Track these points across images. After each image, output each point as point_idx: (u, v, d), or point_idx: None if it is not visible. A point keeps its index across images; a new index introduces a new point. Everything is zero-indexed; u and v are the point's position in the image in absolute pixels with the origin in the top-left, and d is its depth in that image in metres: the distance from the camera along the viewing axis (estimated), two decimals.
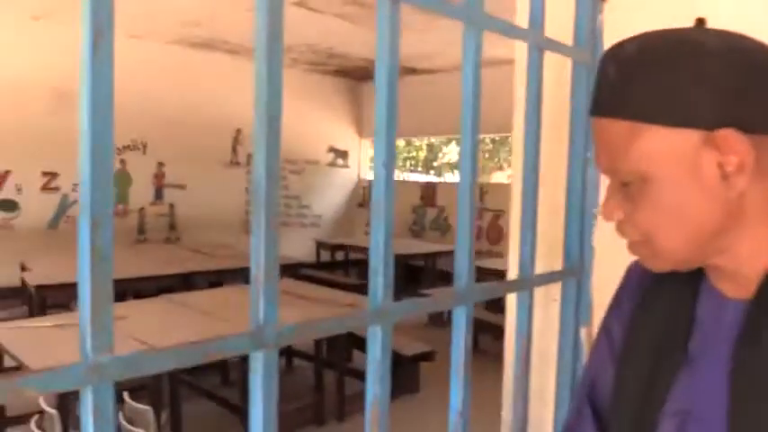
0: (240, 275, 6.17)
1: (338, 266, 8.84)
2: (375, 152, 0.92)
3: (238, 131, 9.16)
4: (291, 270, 6.34)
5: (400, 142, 11.10)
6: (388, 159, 0.90)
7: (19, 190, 7.25)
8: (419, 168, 11.47)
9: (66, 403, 3.11)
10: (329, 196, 10.41)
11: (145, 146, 8.24)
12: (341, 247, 8.61)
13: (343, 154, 10.50)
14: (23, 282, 5.38)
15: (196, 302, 4.35)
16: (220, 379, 5.01)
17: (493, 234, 9.25)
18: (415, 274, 8.66)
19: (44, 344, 3.35)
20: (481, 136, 8.94)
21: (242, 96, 9.08)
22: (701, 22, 0.69)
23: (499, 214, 9.13)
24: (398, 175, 10.77)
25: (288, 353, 5.31)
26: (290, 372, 5.29)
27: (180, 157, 8.51)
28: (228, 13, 6.58)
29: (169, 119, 8.35)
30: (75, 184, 7.33)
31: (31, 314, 5.08)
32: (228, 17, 6.76)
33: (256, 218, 0.73)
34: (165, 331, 3.61)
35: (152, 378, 3.15)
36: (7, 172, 7.16)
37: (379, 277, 0.91)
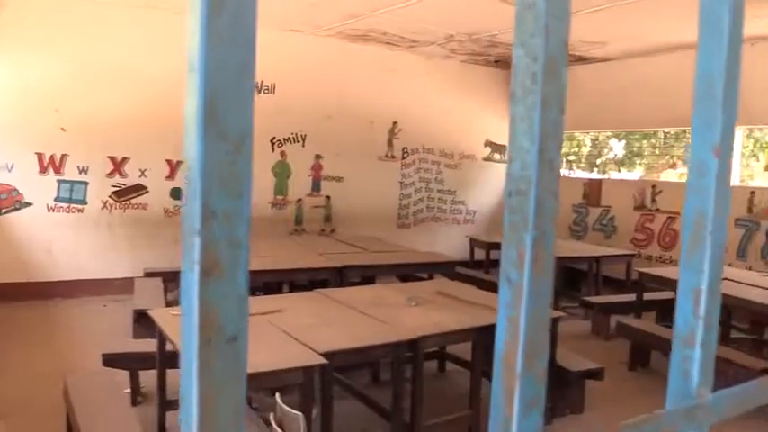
0: (392, 271, 6.18)
1: (494, 266, 8.50)
2: None
3: (395, 124, 9.12)
4: (444, 268, 6.12)
5: None
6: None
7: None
8: (582, 164, 10.76)
9: None
10: (485, 192, 10.08)
11: (304, 138, 8.44)
12: (496, 245, 8.26)
13: (500, 148, 10.10)
14: None
15: (350, 299, 4.28)
16: (371, 378, 4.92)
17: (666, 238, 8.41)
18: (575, 279, 8.10)
19: None
20: (651, 129, 8.10)
21: (399, 88, 9.03)
22: None
23: (674, 217, 8.28)
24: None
25: (441, 356, 5.09)
26: (441, 377, 5.06)
27: (337, 149, 8.63)
28: (389, 3, 6.47)
29: (327, 112, 8.50)
30: None
31: None
32: (388, 7, 6.66)
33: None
34: (319, 329, 3.54)
35: (304, 375, 3.06)
36: (180, 162, 7.65)
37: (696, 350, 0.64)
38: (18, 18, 6.60)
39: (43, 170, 6.94)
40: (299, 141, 8.41)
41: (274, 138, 8.25)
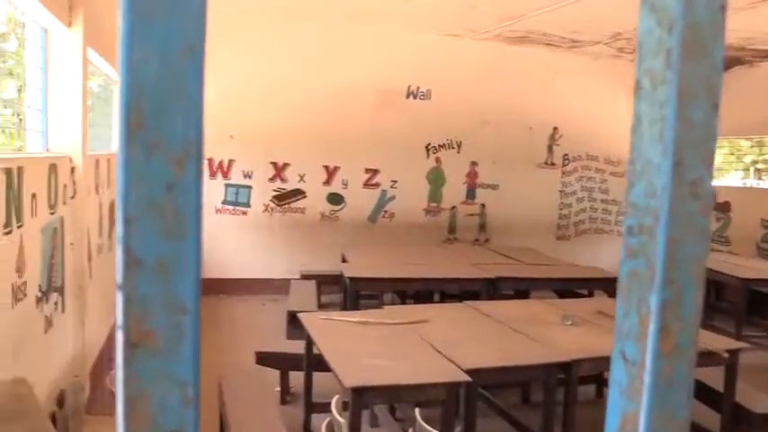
0: (548, 285, 5.92)
1: None
2: None
3: (555, 130, 8.72)
4: (606, 285, 5.68)
5: (744, 142, 9.37)
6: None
7: (345, 185, 7.93)
8: None
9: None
10: None
11: (459, 144, 8.33)
12: None
13: None
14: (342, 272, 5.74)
15: (502, 314, 4.11)
16: (521, 398, 4.67)
17: None
18: (761, 304, 7.16)
19: (345, 340, 3.40)
20: None
21: (560, 91, 8.62)
22: None
23: None
24: (743, 181, 9.09)
25: (599, 381, 4.71)
26: (598, 403, 4.68)
27: (493, 156, 8.42)
28: (550, 1, 6.16)
29: (484, 117, 8.32)
30: (394, 181, 7.97)
31: (345, 303, 5.44)
32: (549, 6, 6.34)
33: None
34: (466, 343, 3.39)
35: (447, 392, 2.93)
36: (336, 168, 7.87)
37: None
38: None
39: (213, 174, 7.47)
40: (454, 147, 8.32)
41: (429, 144, 8.22)
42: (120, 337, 0.37)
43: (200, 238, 0.40)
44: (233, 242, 7.57)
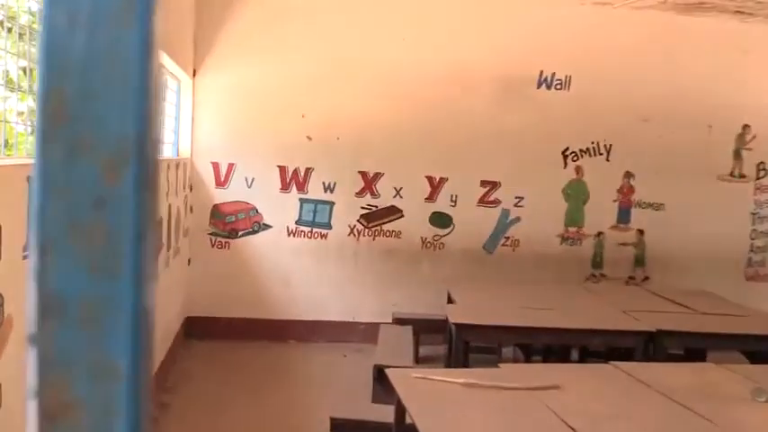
0: (733, 344, 5.80)
1: None
2: None
3: (745, 128, 8.34)
4: None
5: None
6: None
7: (453, 202, 7.92)
8: None
9: None
10: None
11: (608, 149, 8.13)
12: None
13: None
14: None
15: (663, 382, 3.97)
16: None
17: None
18: None
19: (447, 408, 3.34)
20: None
21: (754, 76, 8.26)
22: None
23: None
24: None
25: None
26: None
27: (656, 165, 8.15)
28: None
29: (643, 112, 8.08)
30: (520, 198, 7.87)
31: (450, 358, 5.45)
32: None
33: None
34: (610, 421, 3.27)
35: None
36: (443, 179, 7.86)
37: None
38: (261, 15, 7.43)
39: (285, 187, 7.64)
40: (601, 153, 8.14)
41: (567, 149, 8.07)
42: (32, 408, 0.37)
43: (145, 274, 0.39)
44: (308, 273, 7.71)
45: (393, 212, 7.84)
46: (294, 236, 7.70)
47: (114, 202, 0.37)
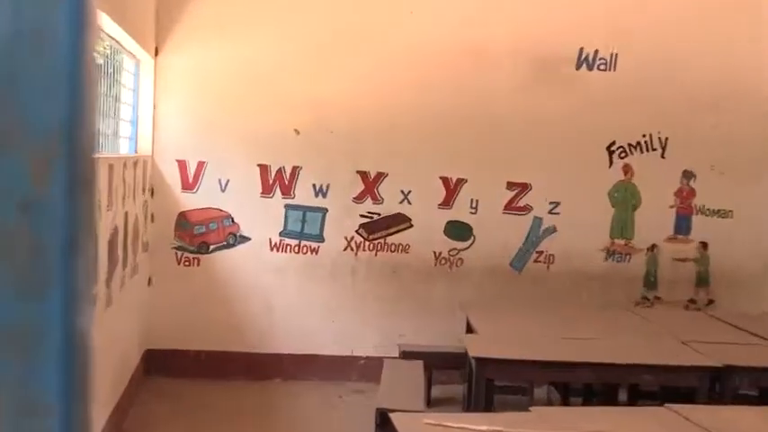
0: None
1: None
2: None
3: None
4: None
5: None
6: None
7: (474, 208, 7.90)
8: None
9: None
10: None
11: (664, 144, 8.11)
12: None
13: None
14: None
15: (735, 429, 3.97)
16: None
17: None
18: None
19: None
20: None
21: None
22: None
23: None
24: None
25: None
26: None
27: (723, 163, 8.12)
28: None
29: (708, 98, 8.04)
30: (555, 203, 7.84)
31: (470, 399, 5.42)
32: None
33: None
34: None
35: None
36: (461, 181, 7.86)
37: None
38: None
39: (267, 190, 7.65)
40: (655, 149, 8.12)
41: (614, 143, 8.06)
42: None
43: (80, 293, 0.39)
44: (296, 297, 7.71)
45: (400, 221, 7.83)
46: (278, 250, 7.69)
47: (42, 206, 0.38)
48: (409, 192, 7.79)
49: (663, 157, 8.15)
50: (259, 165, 7.60)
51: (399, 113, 7.65)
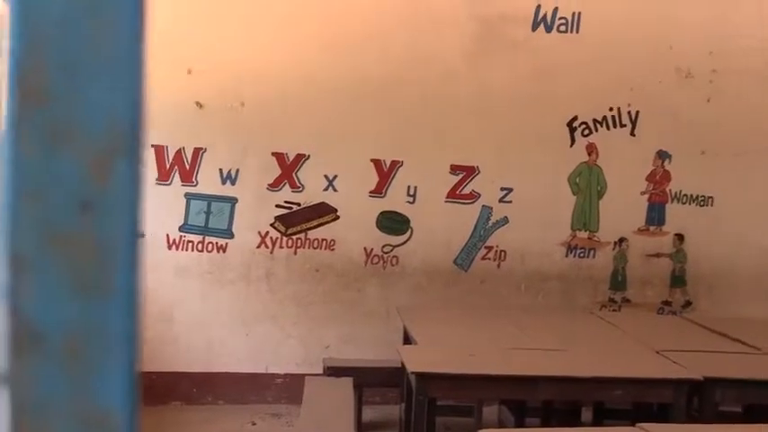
0: None
1: None
2: None
3: None
4: None
5: None
6: None
7: (412, 196, 7.88)
8: None
9: None
10: None
11: (634, 119, 8.16)
12: None
13: None
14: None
15: None
16: None
17: None
18: None
19: None
20: None
21: None
22: None
23: None
24: None
25: None
26: None
27: (703, 140, 8.21)
28: None
29: (683, 63, 8.12)
30: (507, 189, 7.84)
31: (407, 422, 5.46)
32: None
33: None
34: None
35: None
36: (396, 164, 7.82)
37: None
38: None
39: (164, 176, 7.52)
40: (624, 125, 8.17)
41: (575, 119, 8.08)
42: None
43: (139, 294, 0.48)
44: (199, 304, 7.61)
45: (323, 212, 7.77)
46: (178, 248, 7.59)
47: (104, 203, 0.44)
48: (335, 177, 7.74)
49: (633, 134, 8.20)
50: (154, 146, 7.42)
51: (322, 84, 7.56)
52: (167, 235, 7.54)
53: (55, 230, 0.41)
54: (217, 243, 7.62)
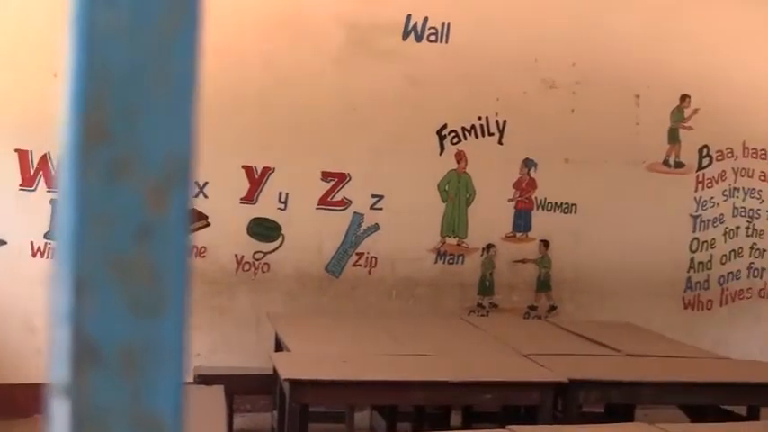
0: (669, 395, 5.94)
1: None
2: None
3: (684, 100, 8.60)
4: None
5: None
6: None
7: (283, 203, 7.94)
8: None
9: None
10: None
11: (502, 127, 8.34)
12: None
13: None
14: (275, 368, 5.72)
15: None
16: None
17: None
18: None
19: None
20: None
21: (696, 33, 8.60)
22: None
23: None
24: None
25: None
26: None
27: (566, 150, 8.42)
28: None
29: (549, 75, 8.32)
30: (378, 197, 7.91)
31: (281, 429, 5.49)
32: None
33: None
34: None
35: None
36: (267, 170, 7.87)
37: None
38: None
39: (29, 182, 7.43)
40: (492, 134, 8.33)
41: (445, 127, 8.23)
42: None
43: (188, 312, 0.46)
44: None
45: (193, 219, 7.73)
46: (43, 256, 7.49)
47: (160, 231, 0.44)
48: (205, 184, 7.68)
49: (501, 143, 8.37)
50: (17, 150, 7.35)
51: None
52: (31, 243, 7.40)
53: (115, 255, 0.42)
54: None
